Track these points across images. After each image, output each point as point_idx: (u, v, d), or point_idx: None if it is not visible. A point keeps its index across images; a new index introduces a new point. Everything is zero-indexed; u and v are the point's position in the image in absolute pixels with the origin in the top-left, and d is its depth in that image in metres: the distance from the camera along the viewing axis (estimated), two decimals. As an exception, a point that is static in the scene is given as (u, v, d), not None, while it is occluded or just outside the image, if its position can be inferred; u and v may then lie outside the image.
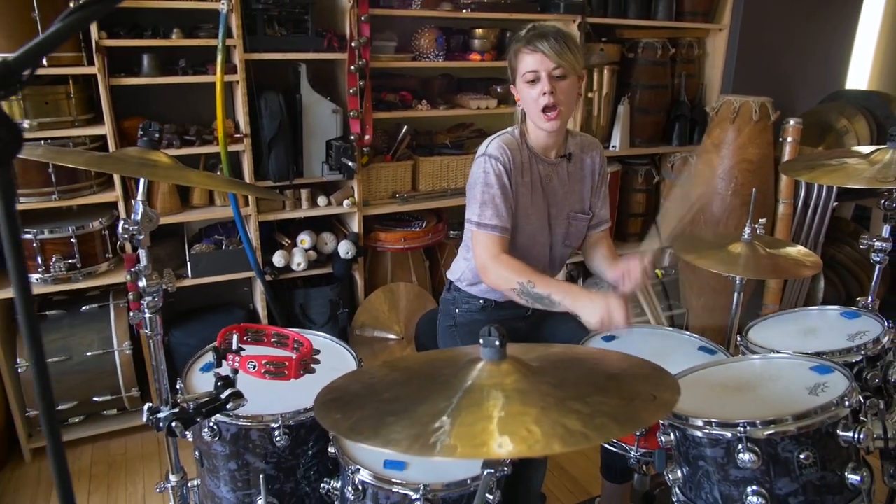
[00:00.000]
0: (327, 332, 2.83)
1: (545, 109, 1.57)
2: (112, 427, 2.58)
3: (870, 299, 1.78)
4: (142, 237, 1.18)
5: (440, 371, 0.95)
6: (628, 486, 1.83)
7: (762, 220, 1.76)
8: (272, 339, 1.51)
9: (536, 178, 1.69)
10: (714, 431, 1.19)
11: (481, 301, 1.82)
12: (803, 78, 3.74)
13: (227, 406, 1.30)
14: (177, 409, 1.26)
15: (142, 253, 1.19)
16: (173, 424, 1.22)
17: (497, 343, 0.93)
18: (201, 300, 2.77)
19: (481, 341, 0.95)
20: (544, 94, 1.55)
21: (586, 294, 1.45)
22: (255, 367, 1.32)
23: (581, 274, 3.33)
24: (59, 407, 2.43)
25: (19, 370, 2.34)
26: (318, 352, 1.43)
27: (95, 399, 2.48)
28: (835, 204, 3.21)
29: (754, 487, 1.17)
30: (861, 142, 3.27)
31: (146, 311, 1.21)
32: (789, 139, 3.05)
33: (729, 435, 1.17)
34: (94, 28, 2.14)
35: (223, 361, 1.34)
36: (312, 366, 1.39)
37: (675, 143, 3.40)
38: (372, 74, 2.62)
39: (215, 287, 2.65)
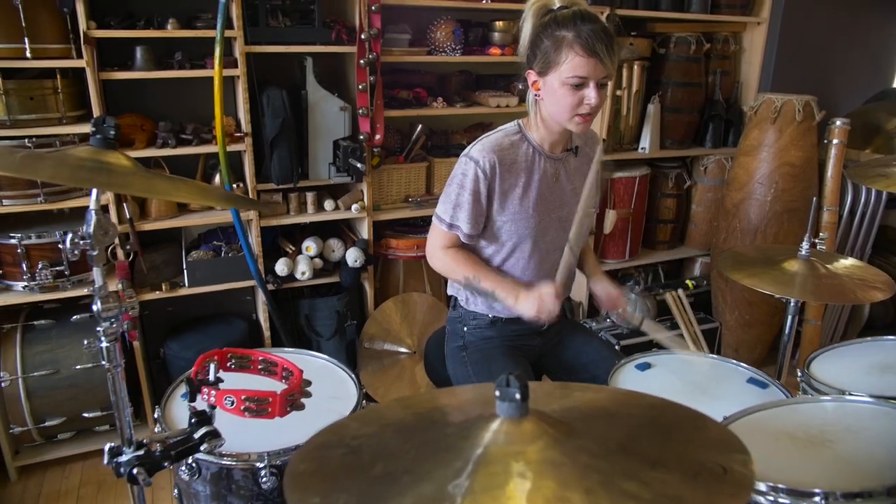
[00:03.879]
0: (334, 346, 2.69)
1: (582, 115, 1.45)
2: (104, 444, 2.41)
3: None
4: (95, 252, 1.00)
5: (443, 431, 0.76)
6: None
7: (822, 235, 1.53)
8: (259, 366, 1.33)
9: (539, 178, 1.54)
10: (782, 501, 0.97)
11: (490, 316, 1.65)
12: (848, 76, 3.48)
13: (201, 448, 1.11)
14: (141, 452, 1.08)
15: (96, 271, 1.02)
16: (135, 471, 1.04)
17: (517, 396, 0.73)
18: (201, 310, 2.60)
19: (497, 393, 0.74)
20: (589, 102, 1.41)
21: (527, 294, 1.46)
22: (233, 402, 1.14)
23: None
24: (47, 423, 2.27)
25: (3, 384, 2.18)
26: (308, 383, 1.24)
27: (85, 415, 2.31)
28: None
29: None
30: (914, 144, 3.02)
31: (103, 339, 1.03)
32: (835, 141, 2.81)
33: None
34: (81, 17, 1.97)
35: (197, 395, 1.16)
36: (302, 400, 1.20)
37: (708, 145, 3.19)
38: (384, 70, 2.43)
39: (216, 296, 2.48)
